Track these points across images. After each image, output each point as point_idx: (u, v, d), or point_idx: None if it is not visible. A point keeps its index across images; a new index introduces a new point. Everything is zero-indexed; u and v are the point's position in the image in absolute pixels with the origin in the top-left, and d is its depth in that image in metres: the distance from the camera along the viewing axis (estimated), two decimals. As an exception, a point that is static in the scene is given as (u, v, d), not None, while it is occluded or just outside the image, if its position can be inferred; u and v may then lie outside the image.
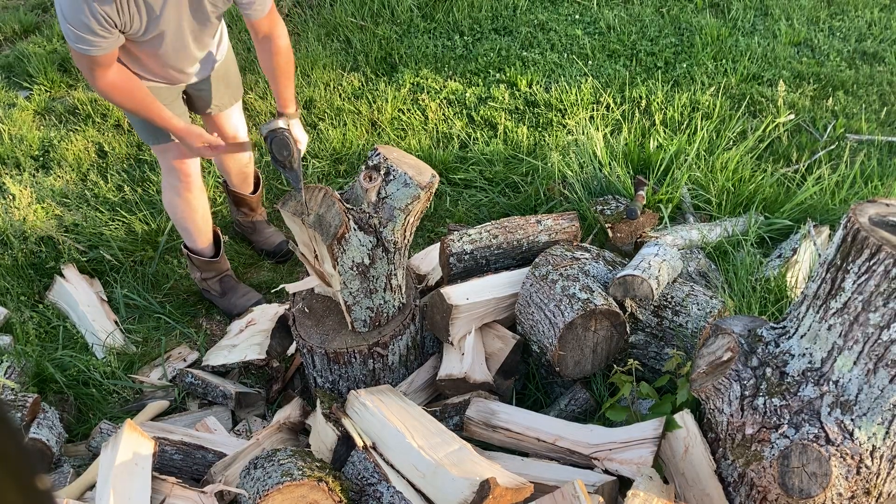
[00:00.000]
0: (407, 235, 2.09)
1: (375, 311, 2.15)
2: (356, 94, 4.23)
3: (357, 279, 2.06)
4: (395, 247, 2.06)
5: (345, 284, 2.06)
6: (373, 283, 2.09)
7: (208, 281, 2.96)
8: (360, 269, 2.04)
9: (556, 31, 4.73)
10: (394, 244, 2.05)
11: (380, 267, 2.07)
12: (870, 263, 1.47)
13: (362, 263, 2.03)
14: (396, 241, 2.05)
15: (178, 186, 2.66)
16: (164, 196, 2.73)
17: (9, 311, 2.87)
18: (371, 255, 2.03)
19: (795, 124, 3.77)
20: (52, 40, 5.08)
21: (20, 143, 3.94)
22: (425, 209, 2.11)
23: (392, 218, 2.00)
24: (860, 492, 1.55)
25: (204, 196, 2.77)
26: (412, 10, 4.92)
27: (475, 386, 2.14)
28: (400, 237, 2.05)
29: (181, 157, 2.59)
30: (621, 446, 1.83)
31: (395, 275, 2.12)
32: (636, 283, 2.08)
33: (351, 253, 2.00)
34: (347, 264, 2.02)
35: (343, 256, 2.00)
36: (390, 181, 1.99)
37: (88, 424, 2.48)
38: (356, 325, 2.17)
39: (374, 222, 2.00)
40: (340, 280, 2.05)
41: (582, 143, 3.34)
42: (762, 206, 2.99)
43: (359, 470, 1.84)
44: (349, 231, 1.96)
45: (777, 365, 1.66)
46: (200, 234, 2.83)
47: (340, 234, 1.94)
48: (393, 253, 2.06)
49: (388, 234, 2.02)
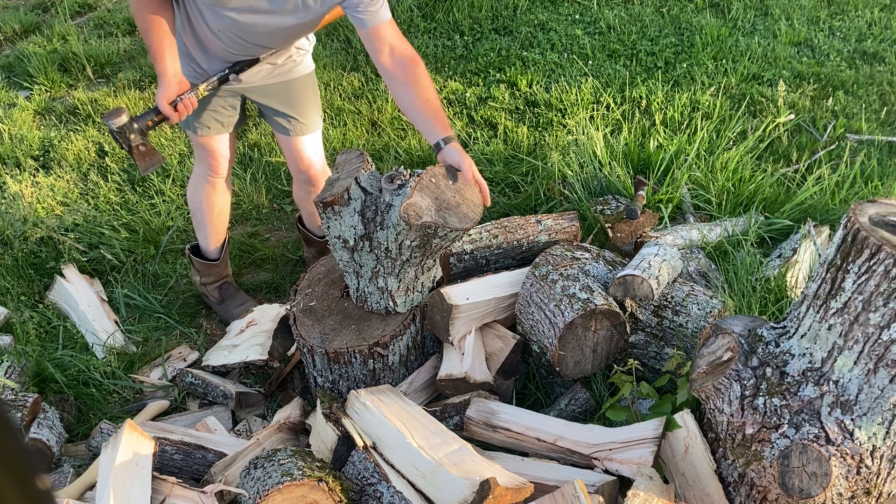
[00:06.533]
0: (404, 252, 2.02)
1: (360, 291, 2.19)
2: (356, 94, 4.23)
3: (343, 251, 2.10)
4: (385, 252, 2.04)
5: (333, 247, 2.11)
6: (357, 267, 2.12)
7: (207, 286, 2.95)
8: (344, 245, 2.07)
9: (557, 31, 4.73)
10: (385, 249, 2.03)
11: (364, 258, 2.08)
12: (870, 263, 1.47)
13: (347, 242, 2.06)
14: (390, 250, 2.03)
15: (203, 180, 2.66)
16: (190, 184, 2.75)
17: (9, 311, 2.87)
18: (356, 241, 2.05)
19: (795, 124, 3.77)
20: (53, 40, 5.09)
21: (20, 143, 3.94)
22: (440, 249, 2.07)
23: (386, 227, 1.99)
24: (860, 492, 1.55)
25: (226, 197, 2.76)
26: (412, 9, 4.92)
27: (475, 386, 2.14)
28: (394, 248, 2.01)
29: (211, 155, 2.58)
30: (621, 446, 1.83)
31: (383, 276, 2.11)
32: (636, 282, 2.08)
33: (340, 226, 2.04)
34: (334, 233, 2.07)
35: (332, 223, 2.04)
36: (399, 196, 1.96)
37: (88, 424, 2.48)
38: (350, 291, 2.25)
39: (372, 216, 2.00)
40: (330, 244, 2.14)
41: (582, 143, 3.34)
42: (762, 206, 2.99)
43: (359, 470, 1.84)
44: (343, 205, 1.98)
45: (777, 365, 1.66)
46: (213, 232, 2.82)
47: (329, 201, 1.97)
48: (383, 256, 2.06)
49: (381, 236, 2.01)
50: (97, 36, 5.20)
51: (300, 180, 2.74)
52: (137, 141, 2.24)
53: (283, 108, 2.51)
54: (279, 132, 2.60)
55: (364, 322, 2.21)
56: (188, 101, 2.22)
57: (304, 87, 2.52)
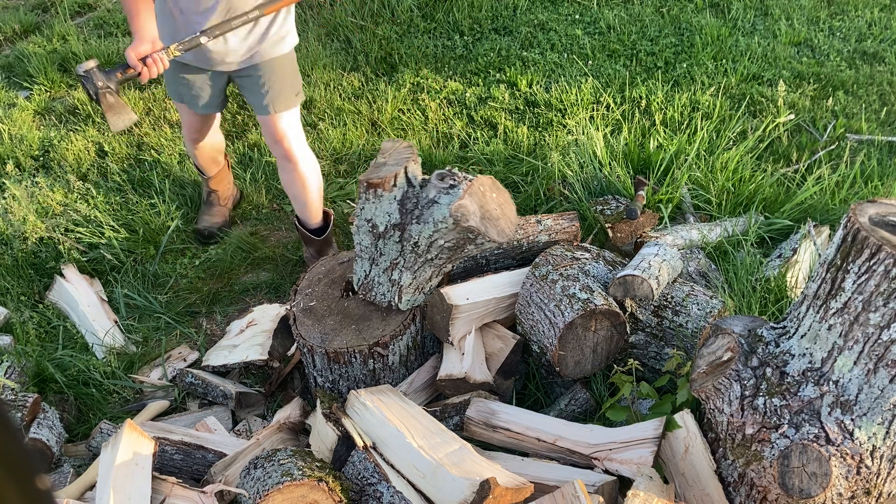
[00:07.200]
0: (432, 250, 2.04)
1: (369, 279, 2.17)
2: (356, 94, 4.23)
3: (368, 236, 2.08)
4: (413, 246, 2.04)
5: (357, 229, 2.10)
6: (376, 254, 2.10)
7: (203, 188, 3.38)
8: (372, 231, 2.06)
9: (556, 31, 4.73)
10: (413, 243, 2.03)
11: (388, 247, 2.07)
12: (870, 263, 1.47)
13: (376, 227, 2.05)
14: (418, 244, 2.03)
15: (184, 132, 3.06)
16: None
17: (9, 311, 2.87)
18: (386, 229, 2.04)
19: (795, 124, 3.77)
20: (52, 40, 5.09)
21: (20, 143, 3.94)
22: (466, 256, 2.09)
23: (423, 221, 1.99)
24: (860, 492, 1.55)
25: (201, 149, 3.08)
26: (412, 9, 4.92)
27: (475, 386, 2.14)
28: (424, 244, 2.02)
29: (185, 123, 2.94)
30: (621, 446, 1.83)
31: (400, 270, 2.11)
32: (636, 283, 2.08)
33: (375, 210, 2.03)
34: (366, 215, 2.05)
35: (368, 205, 2.04)
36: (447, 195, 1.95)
37: (88, 424, 2.48)
38: (354, 277, 2.23)
39: (412, 208, 2.01)
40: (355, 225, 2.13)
41: (582, 143, 3.34)
42: (762, 206, 2.99)
43: (359, 470, 1.84)
44: (387, 190, 1.99)
45: (777, 365, 1.66)
46: (202, 167, 3.22)
47: (376, 183, 1.98)
48: (408, 250, 2.05)
49: (414, 229, 2.01)
50: (97, 36, 5.20)
51: (277, 156, 2.84)
52: (104, 89, 2.32)
53: (262, 88, 2.64)
54: (259, 112, 2.72)
55: (364, 322, 2.21)
56: (158, 57, 2.32)
57: (283, 67, 2.65)
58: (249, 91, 2.68)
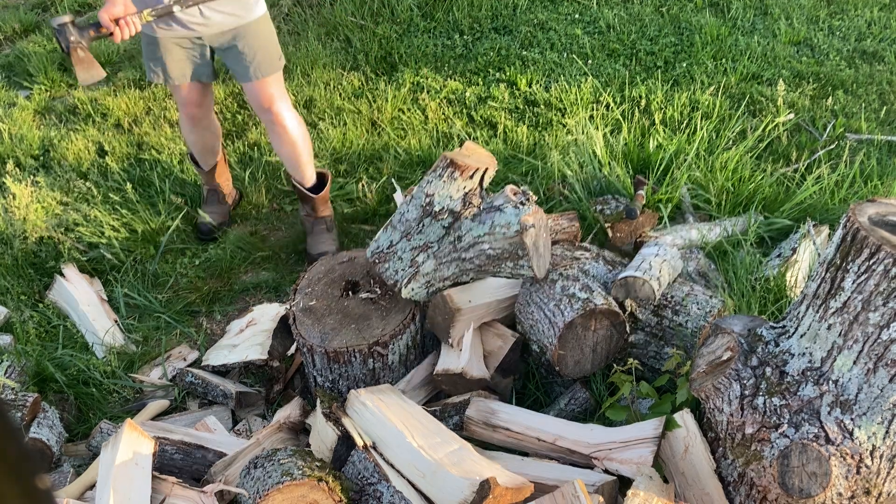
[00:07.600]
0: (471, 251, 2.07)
1: (390, 250, 2.16)
2: (356, 94, 4.23)
3: (418, 210, 2.09)
4: (456, 239, 2.07)
5: (410, 199, 2.12)
6: (415, 231, 2.12)
7: (203, 186, 3.38)
8: (425, 207, 2.08)
9: (556, 31, 4.73)
10: (457, 237, 2.06)
11: (432, 229, 2.09)
12: (869, 263, 1.47)
13: (432, 205, 2.06)
14: (461, 239, 2.06)
15: (180, 116, 3.05)
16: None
17: (9, 311, 2.87)
18: (441, 211, 2.06)
19: (795, 124, 3.77)
20: (52, 40, 5.08)
21: (20, 143, 3.94)
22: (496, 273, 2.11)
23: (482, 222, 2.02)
24: (860, 491, 1.55)
25: (200, 133, 3.07)
26: (412, 9, 4.92)
27: (472, 382, 2.14)
28: (468, 241, 2.06)
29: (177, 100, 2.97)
30: (621, 446, 1.83)
31: (428, 254, 2.12)
32: (638, 284, 2.08)
33: (441, 188, 2.05)
34: (429, 189, 2.06)
35: (437, 181, 2.05)
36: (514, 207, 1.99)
37: (88, 424, 2.48)
38: (372, 244, 2.22)
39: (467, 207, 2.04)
40: (408, 197, 2.15)
41: (582, 143, 3.34)
42: (762, 206, 2.99)
43: (359, 469, 1.84)
44: (464, 178, 2.03)
45: (777, 364, 1.66)
46: (200, 159, 3.21)
47: (462, 165, 2.02)
48: (448, 241, 2.07)
49: (466, 225, 2.04)
50: (97, 35, 5.20)
51: (266, 122, 2.88)
52: (76, 44, 2.39)
53: (246, 58, 2.70)
54: (243, 80, 2.78)
55: (364, 321, 2.21)
56: (130, 20, 2.39)
57: (261, 32, 2.72)
58: (234, 61, 2.74)
